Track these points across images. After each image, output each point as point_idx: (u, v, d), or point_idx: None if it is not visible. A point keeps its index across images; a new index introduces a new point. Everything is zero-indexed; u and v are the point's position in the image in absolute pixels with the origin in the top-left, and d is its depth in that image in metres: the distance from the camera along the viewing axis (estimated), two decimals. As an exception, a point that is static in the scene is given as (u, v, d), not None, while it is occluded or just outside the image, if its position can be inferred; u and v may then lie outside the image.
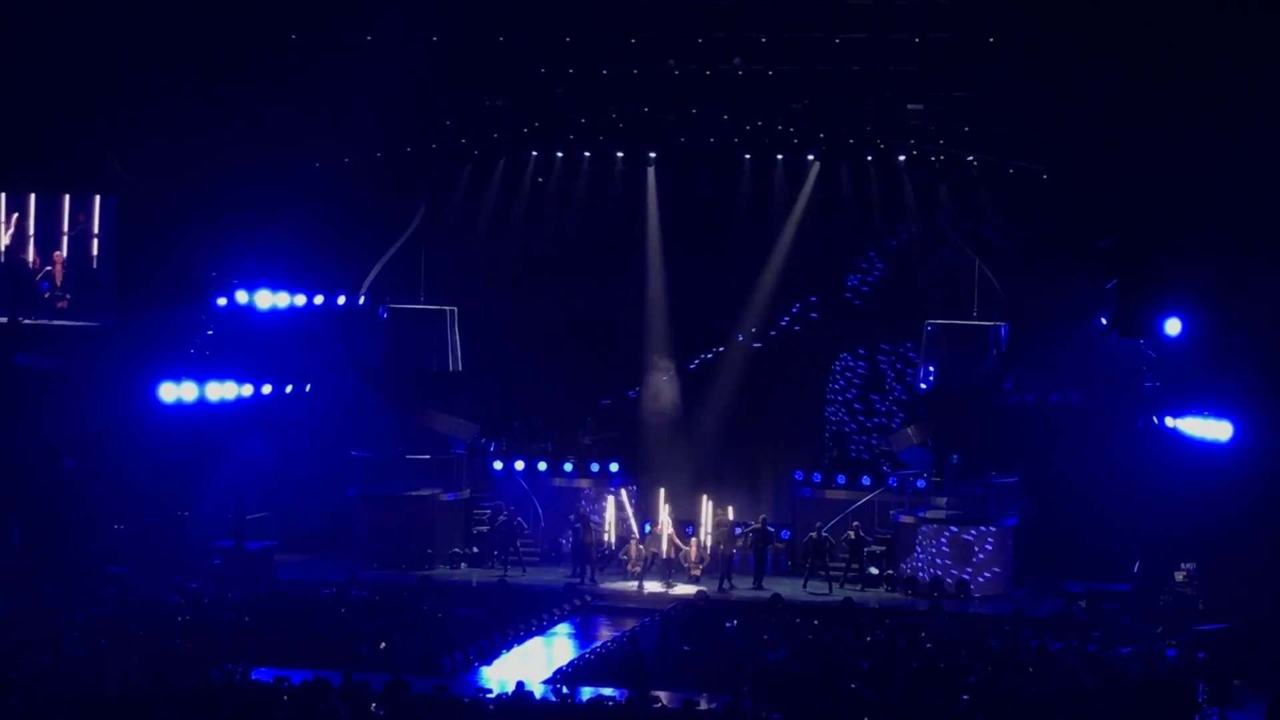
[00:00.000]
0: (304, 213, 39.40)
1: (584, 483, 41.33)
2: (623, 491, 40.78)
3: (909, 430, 40.51)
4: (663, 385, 42.84)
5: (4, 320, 38.46)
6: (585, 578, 38.07)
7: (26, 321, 38.66)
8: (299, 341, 40.84)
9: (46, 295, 39.25)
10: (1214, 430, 33.18)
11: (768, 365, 42.88)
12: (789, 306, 42.69)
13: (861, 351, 42.60)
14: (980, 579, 37.52)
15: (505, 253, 42.89)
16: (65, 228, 39.04)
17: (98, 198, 39.03)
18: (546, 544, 41.22)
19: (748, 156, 41.23)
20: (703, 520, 39.18)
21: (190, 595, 33.59)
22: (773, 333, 42.75)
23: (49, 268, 39.34)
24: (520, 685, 26.09)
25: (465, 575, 39.07)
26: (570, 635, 34.01)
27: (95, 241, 39.01)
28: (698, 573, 38.02)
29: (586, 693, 26.32)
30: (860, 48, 36.61)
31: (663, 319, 42.95)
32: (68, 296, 39.12)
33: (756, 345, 42.73)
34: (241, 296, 39.22)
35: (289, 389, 40.69)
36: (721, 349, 43.03)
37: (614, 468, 41.32)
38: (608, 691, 26.19)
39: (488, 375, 42.79)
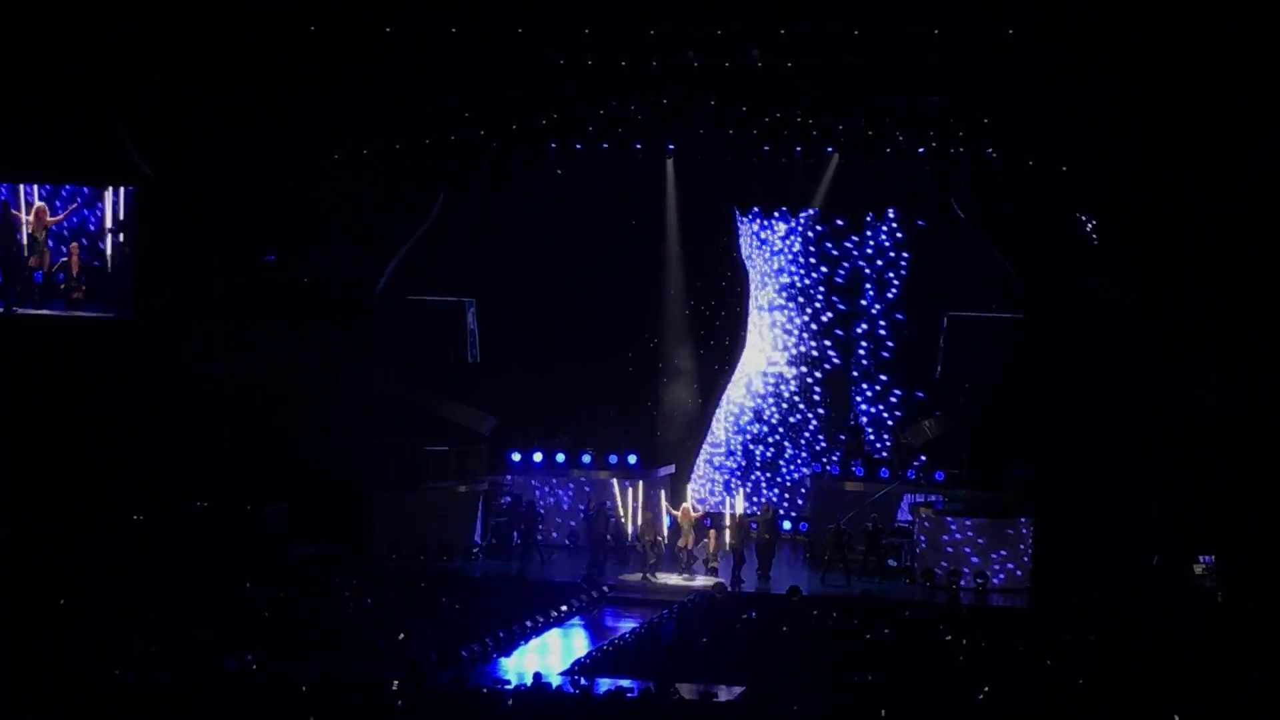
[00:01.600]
0: (322, 204, 39.42)
1: (602, 474, 41.31)
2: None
3: (927, 423, 40.46)
4: (681, 377, 42.95)
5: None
6: (601, 569, 37.98)
7: (45, 313, 38.88)
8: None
9: (62, 287, 39.39)
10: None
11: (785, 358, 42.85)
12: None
13: (879, 343, 42.51)
14: (999, 572, 37.43)
15: (524, 244, 42.82)
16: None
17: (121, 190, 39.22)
18: (565, 535, 41.23)
19: (766, 148, 41.15)
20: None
21: (209, 585, 33.65)
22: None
23: (64, 259, 39.46)
24: (538, 676, 26.11)
25: (483, 567, 39.05)
26: (588, 627, 33.99)
27: (119, 235, 39.22)
28: (716, 565, 37.92)
29: (604, 684, 26.32)
30: (878, 40, 36.61)
31: (681, 310, 42.98)
32: (83, 288, 39.24)
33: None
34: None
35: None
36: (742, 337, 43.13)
37: (632, 459, 41.30)
38: (626, 683, 26.19)
39: (506, 367, 42.73)
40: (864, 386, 42.64)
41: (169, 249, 39.31)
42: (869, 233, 42.37)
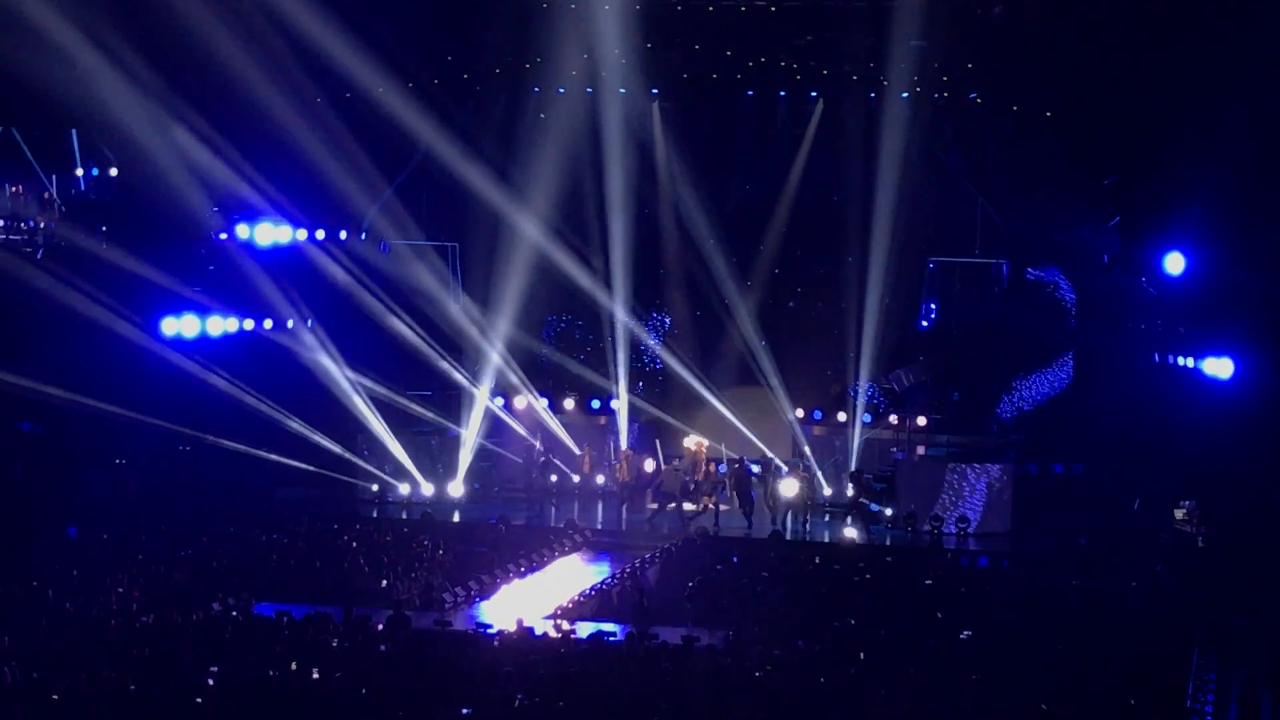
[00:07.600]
0: (306, 148, 39.26)
1: (584, 419, 41.34)
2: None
3: (911, 368, 40.48)
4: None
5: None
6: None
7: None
8: (300, 276, 40.79)
9: None
10: (1215, 368, 33.33)
11: (770, 303, 42.74)
12: (794, 245, 42.61)
13: (863, 289, 42.36)
14: (980, 516, 37.51)
15: (508, 189, 42.65)
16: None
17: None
18: (545, 480, 41.20)
19: (750, 93, 40.99)
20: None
21: (192, 530, 33.63)
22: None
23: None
24: (520, 621, 26.17)
25: (466, 511, 39.09)
26: (570, 571, 34.05)
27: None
28: (701, 508, 38.00)
29: (586, 628, 26.41)
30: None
31: (674, 254, 42.84)
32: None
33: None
34: (243, 231, 39.20)
35: (290, 324, 40.66)
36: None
37: (615, 404, 41.35)
38: (608, 627, 26.28)
39: (489, 312, 42.58)
40: (849, 330, 42.47)
41: (150, 190, 39.09)
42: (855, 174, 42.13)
